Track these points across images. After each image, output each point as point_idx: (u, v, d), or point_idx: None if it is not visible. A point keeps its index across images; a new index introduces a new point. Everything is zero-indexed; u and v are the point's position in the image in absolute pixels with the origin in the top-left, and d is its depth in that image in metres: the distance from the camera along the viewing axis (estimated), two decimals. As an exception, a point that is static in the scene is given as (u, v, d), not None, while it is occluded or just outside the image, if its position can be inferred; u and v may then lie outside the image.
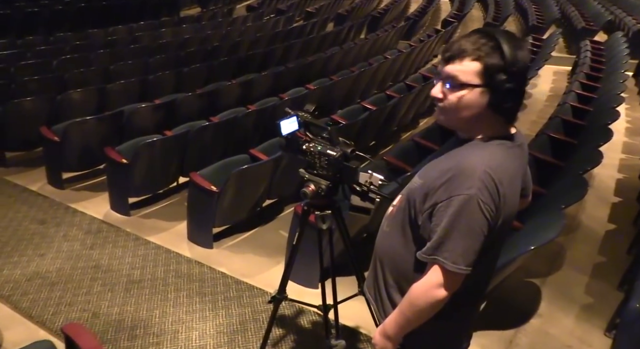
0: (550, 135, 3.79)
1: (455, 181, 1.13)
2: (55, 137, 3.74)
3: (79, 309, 2.62)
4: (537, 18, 10.41)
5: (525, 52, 1.13)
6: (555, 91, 6.99)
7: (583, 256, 3.24)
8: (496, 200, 1.13)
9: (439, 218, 1.14)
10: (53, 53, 6.27)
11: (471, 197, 1.11)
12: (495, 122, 1.19)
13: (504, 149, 1.19)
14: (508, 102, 1.14)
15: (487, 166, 1.13)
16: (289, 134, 1.60)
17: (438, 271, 1.16)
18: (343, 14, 11.15)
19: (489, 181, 1.12)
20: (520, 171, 1.26)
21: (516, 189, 1.24)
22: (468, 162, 1.15)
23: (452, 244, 1.13)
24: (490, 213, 1.13)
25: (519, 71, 1.12)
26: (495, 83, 1.12)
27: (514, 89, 1.12)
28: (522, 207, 1.49)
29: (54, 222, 3.46)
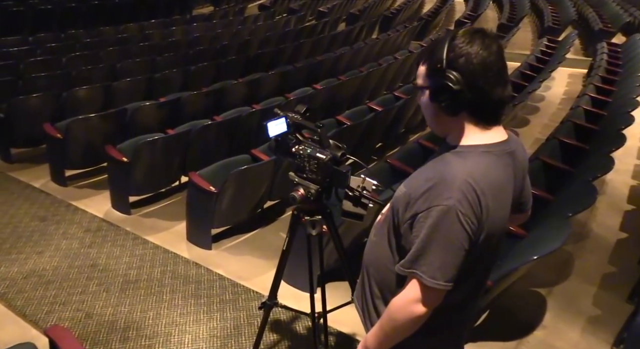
0: (561, 139, 3.67)
1: (435, 191, 1.06)
2: (58, 134, 3.74)
3: (73, 308, 2.60)
4: (553, 19, 10.20)
5: (477, 48, 1.06)
6: (570, 94, 6.83)
7: (592, 266, 3.12)
8: (477, 212, 1.06)
9: (418, 229, 1.08)
10: (63, 50, 6.31)
11: (450, 208, 1.04)
12: (470, 127, 1.12)
13: (490, 157, 1.11)
14: (442, 99, 1.08)
15: (468, 175, 1.06)
16: (278, 136, 1.54)
17: (416, 285, 1.10)
18: (355, 14, 11.06)
19: (470, 192, 1.05)
20: (509, 182, 1.16)
21: (504, 202, 1.15)
22: (449, 171, 1.08)
23: (430, 257, 1.06)
24: (470, 226, 1.05)
25: (465, 67, 1.05)
26: (431, 81, 1.09)
27: (447, 86, 1.05)
28: (521, 222, 1.41)
29: (55, 219, 3.45)
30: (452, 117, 1.11)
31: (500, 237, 1.19)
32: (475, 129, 1.12)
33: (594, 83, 5.38)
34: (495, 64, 1.07)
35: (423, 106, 1.17)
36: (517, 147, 1.20)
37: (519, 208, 1.30)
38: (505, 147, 1.15)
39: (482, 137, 1.12)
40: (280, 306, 1.93)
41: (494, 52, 1.07)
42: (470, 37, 1.08)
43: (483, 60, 1.06)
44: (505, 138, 1.16)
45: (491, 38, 1.09)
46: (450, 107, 1.09)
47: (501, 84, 1.09)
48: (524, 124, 5.65)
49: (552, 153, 3.53)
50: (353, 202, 1.59)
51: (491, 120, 1.13)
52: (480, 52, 1.06)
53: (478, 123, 1.12)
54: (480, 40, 1.07)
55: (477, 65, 1.06)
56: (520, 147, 1.23)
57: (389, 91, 5.85)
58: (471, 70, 1.06)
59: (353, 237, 2.59)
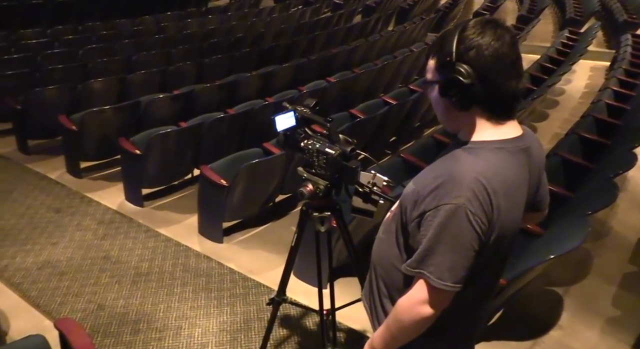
0: (581, 134, 3.57)
1: (444, 189, 1.01)
2: (73, 126, 3.76)
3: (86, 300, 2.62)
4: (576, 10, 9.93)
5: (488, 39, 1.00)
6: (591, 87, 6.64)
7: (611, 265, 3.03)
8: (488, 212, 1.01)
9: (426, 228, 1.04)
10: (80, 43, 6.35)
11: (459, 207, 0.99)
12: (482, 122, 1.07)
13: (503, 154, 1.06)
14: (452, 94, 1.03)
15: (479, 173, 1.01)
16: (286, 130, 1.51)
17: (423, 286, 1.06)
18: (371, 6, 10.92)
19: (480, 190, 1.00)
20: (524, 180, 1.11)
21: (517, 201, 1.10)
22: (459, 168, 1.03)
23: (437, 258, 1.02)
24: (480, 226, 1.01)
25: (476, 59, 1.00)
26: (441, 75, 1.05)
27: (457, 80, 1.00)
28: (537, 221, 1.36)
29: (69, 211, 3.49)
30: (463, 113, 1.06)
31: (512, 238, 1.14)
32: (488, 125, 1.07)
33: (617, 76, 5.21)
34: (508, 56, 1.02)
35: (434, 102, 1.13)
36: (533, 143, 1.14)
37: (535, 207, 1.25)
38: (519, 143, 1.09)
39: (495, 132, 1.07)
40: (289, 302, 1.90)
41: (506, 43, 1.02)
42: (482, 28, 1.02)
43: (495, 51, 1.01)
44: (520, 134, 1.11)
45: (504, 28, 1.03)
46: (461, 102, 1.04)
47: (515, 76, 1.03)
48: (543, 119, 5.51)
49: (571, 149, 3.43)
50: (363, 198, 1.56)
51: (504, 115, 1.08)
52: (492, 43, 1.01)
53: (491, 118, 1.07)
54: (492, 31, 1.02)
55: (488, 57, 1.01)
56: (536, 144, 1.18)
57: (404, 84, 5.76)
58: (482, 63, 1.01)
59: (364, 233, 2.55)
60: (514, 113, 1.09)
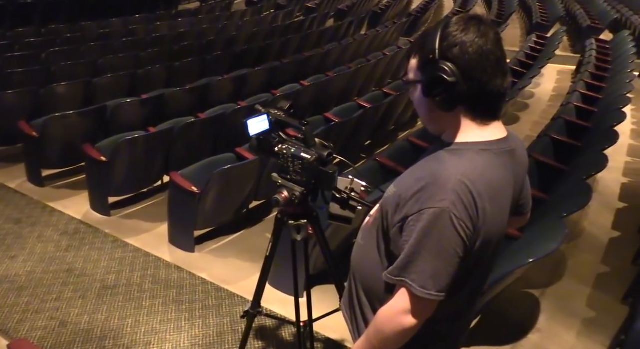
0: (553, 137, 3.61)
1: (427, 192, 0.96)
2: (33, 133, 3.58)
3: (47, 317, 2.46)
4: (542, 16, 10.19)
5: (472, 35, 0.96)
6: (559, 90, 6.80)
7: (585, 266, 3.06)
8: (473, 216, 0.96)
9: (408, 234, 0.98)
10: (43, 45, 6.11)
11: (443, 211, 0.94)
12: (467, 122, 1.02)
13: (488, 156, 1.01)
14: (436, 93, 0.98)
15: (463, 175, 0.96)
16: (259, 135, 1.43)
17: (406, 295, 1.00)
18: (344, 10, 10.95)
19: (465, 194, 0.95)
20: (509, 183, 1.06)
21: (503, 205, 1.05)
22: (443, 170, 0.98)
23: (420, 265, 0.97)
24: (465, 231, 0.96)
25: (460, 57, 0.96)
26: (424, 74, 1.00)
27: (441, 78, 0.96)
28: (519, 226, 1.32)
29: (30, 221, 3.30)
30: (447, 113, 1.01)
31: (498, 243, 1.10)
32: (473, 125, 1.03)
33: (584, 80, 5.33)
34: (493, 53, 0.97)
35: (416, 103, 1.07)
36: (517, 145, 1.10)
37: (518, 211, 1.21)
38: (504, 145, 1.05)
39: (480, 134, 1.03)
40: (264, 314, 1.82)
41: (491, 40, 0.98)
42: (465, 24, 0.98)
43: (479, 48, 0.96)
44: (505, 135, 1.06)
45: (487, 25, 0.99)
46: (445, 101, 0.99)
47: (500, 74, 0.99)
48: (514, 121, 5.60)
49: (544, 151, 3.46)
50: (341, 204, 1.49)
51: (490, 114, 1.03)
52: (475, 40, 0.96)
53: (476, 118, 1.02)
54: (475, 28, 0.97)
55: (473, 54, 0.96)
56: (521, 146, 1.14)
57: (378, 88, 5.76)
58: (467, 60, 0.96)
59: (342, 239, 2.49)
60: (499, 113, 1.05)
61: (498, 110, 1.04)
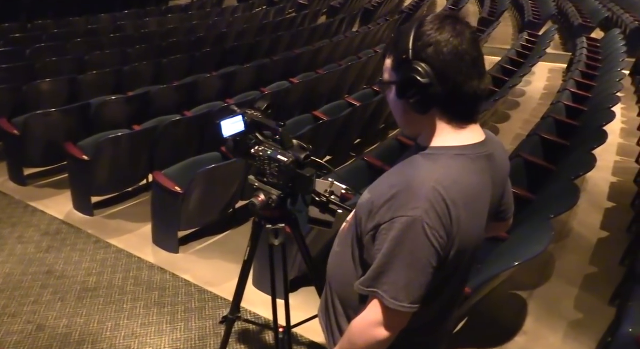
0: (542, 136, 3.59)
1: (399, 200, 0.92)
2: (15, 131, 3.50)
3: (24, 320, 2.40)
4: (534, 14, 10.19)
5: (447, 35, 0.92)
6: (550, 88, 6.79)
7: (573, 267, 3.04)
8: (447, 224, 0.92)
9: (380, 243, 0.94)
10: (29, 41, 5.99)
11: (415, 220, 0.90)
12: (443, 126, 0.98)
13: (464, 161, 0.97)
14: (410, 95, 0.94)
15: (437, 181, 0.92)
16: (234, 136, 1.38)
17: (378, 306, 0.96)
18: (336, 7, 10.88)
19: (438, 201, 0.91)
20: (486, 189, 1.02)
21: (479, 212, 1.01)
22: (416, 176, 0.94)
23: (392, 275, 0.93)
24: (438, 240, 0.92)
25: (434, 57, 0.92)
26: (397, 75, 0.96)
27: (415, 79, 0.92)
28: (500, 232, 1.29)
29: (10, 222, 3.23)
30: (422, 116, 0.97)
31: (474, 251, 1.06)
32: (448, 128, 0.98)
33: (574, 78, 5.32)
34: (468, 53, 0.93)
35: (391, 104, 1.03)
36: (496, 149, 1.06)
37: (499, 217, 1.17)
38: (481, 149, 1.01)
39: (456, 137, 0.98)
40: (244, 320, 1.77)
41: (467, 40, 0.93)
42: (440, 23, 0.93)
43: (454, 48, 0.92)
44: (483, 139, 1.02)
45: (463, 24, 0.95)
46: (419, 103, 0.95)
47: (476, 76, 0.95)
48: (504, 120, 5.58)
49: (533, 150, 3.44)
50: (320, 208, 1.45)
51: (466, 117, 0.99)
52: (451, 39, 0.92)
53: (451, 121, 0.98)
54: (451, 27, 0.93)
55: (447, 54, 0.92)
56: (500, 150, 1.10)
57: (368, 86, 5.71)
58: (441, 61, 0.92)
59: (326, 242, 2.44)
60: (476, 116, 1.01)
61: (475, 113, 1.00)
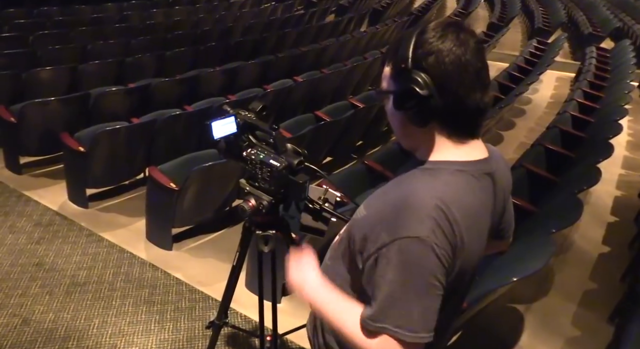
0: (547, 146, 3.52)
1: (400, 219, 0.85)
2: (11, 118, 3.45)
3: (9, 313, 2.36)
4: (544, 21, 10.10)
5: (450, 44, 0.85)
6: (557, 97, 6.71)
7: (573, 281, 2.98)
8: (453, 244, 0.86)
9: (383, 268, 0.85)
10: (32, 28, 5.95)
11: (422, 241, 0.83)
12: (442, 140, 0.92)
13: (465, 178, 0.91)
14: (408, 106, 0.88)
15: (439, 199, 0.86)
16: (224, 138, 1.33)
17: (389, 341, 0.86)
18: (345, 6, 10.80)
19: (442, 219, 0.84)
20: (487, 208, 0.96)
21: (480, 232, 0.95)
22: (415, 192, 0.87)
23: (404, 306, 0.84)
24: (447, 260, 0.85)
25: (435, 67, 0.85)
26: (396, 85, 0.90)
27: (413, 90, 0.85)
28: (499, 250, 1.23)
29: (3, 211, 3.19)
30: (420, 128, 0.91)
31: (473, 273, 1.00)
32: (448, 143, 0.92)
33: (582, 88, 5.24)
34: (472, 64, 0.87)
35: (389, 114, 0.97)
36: (499, 166, 1.00)
37: (499, 235, 1.11)
38: (484, 166, 0.94)
39: (456, 153, 0.92)
40: (230, 325, 1.72)
41: (470, 50, 0.87)
42: (443, 31, 0.87)
43: (457, 58, 0.85)
44: (485, 156, 0.96)
45: (467, 33, 0.88)
46: (417, 116, 0.88)
47: (480, 88, 0.88)
48: (509, 127, 5.51)
49: (536, 160, 3.37)
50: (313, 215, 1.39)
51: (467, 132, 0.92)
52: (453, 49, 0.85)
53: (451, 135, 0.92)
54: (454, 35, 0.86)
55: (449, 65, 0.85)
56: (503, 167, 1.04)
57: (373, 87, 5.65)
58: (442, 71, 0.85)
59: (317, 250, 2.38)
60: (478, 131, 0.94)
61: (477, 127, 0.93)
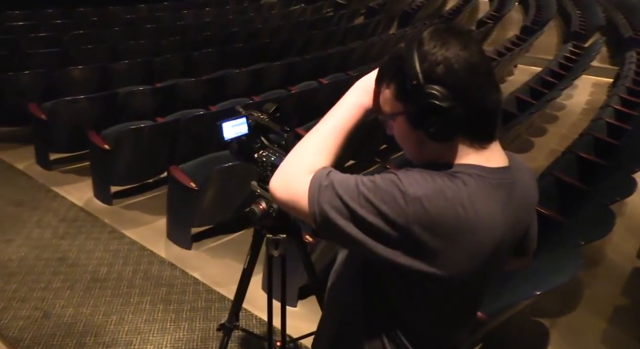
0: (579, 154, 3.38)
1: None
2: (42, 115, 3.55)
3: (32, 306, 2.41)
4: (581, 24, 9.76)
5: (454, 49, 0.81)
6: (592, 104, 6.46)
7: (603, 297, 2.84)
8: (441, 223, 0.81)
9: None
10: (67, 28, 6.14)
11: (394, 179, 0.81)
12: (464, 149, 0.86)
13: (483, 184, 0.85)
14: (430, 123, 0.81)
15: (465, 200, 0.82)
16: (235, 139, 1.31)
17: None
18: (375, 8, 10.73)
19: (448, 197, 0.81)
20: (504, 221, 0.88)
21: (491, 243, 0.88)
22: (443, 193, 0.82)
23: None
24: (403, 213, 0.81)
25: (447, 76, 0.80)
26: (408, 104, 0.84)
27: (434, 105, 0.80)
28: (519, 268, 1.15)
29: (31, 205, 3.27)
30: (443, 143, 0.85)
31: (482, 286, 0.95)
32: (469, 149, 0.87)
33: (619, 94, 5.03)
34: (481, 65, 0.82)
35: (400, 137, 0.90)
36: (523, 177, 0.94)
37: (518, 252, 1.05)
38: (504, 175, 0.88)
39: (477, 157, 0.87)
40: (241, 329, 1.70)
41: (475, 52, 0.82)
42: (441, 37, 0.82)
43: (466, 62, 0.81)
44: (506, 165, 0.90)
45: (466, 35, 0.84)
46: (441, 131, 0.82)
47: (493, 87, 0.85)
48: (540, 134, 5.33)
49: (567, 169, 3.24)
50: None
51: (488, 136, 0.87)
52: (460, 53, 0.81)
53: (473, 143, 0.86)
54: (455, 40, 0.82)
55: (460, 71, 0.80)
56: (527, 178, 0.97)
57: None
58: (456, 79, 0.80)
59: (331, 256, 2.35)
60: (495, 132, 0.89)
61: (495, 129, 0.88)
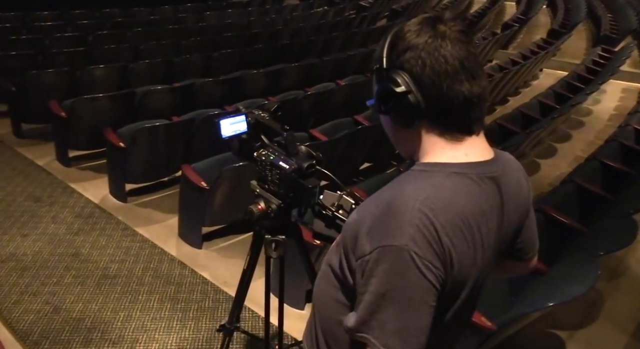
0: (603, 161, 3.25)
1: (381, 224, 0.77)
2: (62, 113, 3.62)
3: (43, 301, 2.44)
4: (612, 27, 9.46)
5: (425, 37, 0.80)
6: (621, 109, 6.24)
7: (624, 310, 2.71)
8: (440, 253, 0.76)
9: (367, 278, 0.79)
10: (93, 28, 6.27)
11: (400, 250, 0.74)
12: (434, 139, 0.83)
13: (461, 180, 0.81)
14: (388, 107, 0.81)
15: (422, 203, 0.77)
16: (233, 137, 1.28)
17: None
18: (398, 10, 10.64)
19: (426, 225, 0.75)
20: (489, 217, 0.84)
21: (481, 242, 0.83)
22: (401, 196, 0.79)
23: (382, 318, 0.78)
24: (432, 272, 0.76)
25: (412, 62, 0.80)
26: (378, 86, 0.83)
27: (389, 89, 0.80)
28: (519, 273, 1.09)
29: (49, 201, 3.33)
30: (409, 130, 0.83)
31: (473, 290, 0.89)
32: (442, 142, 0.83)
33: (649, 99, 4.84)
34: (453, 55, 0.79)
35: (382, 123, 0.90)
36: (510, 171, 0.89)
37: (515, 255, 0.99)
38: (486, 169, 0.84)
39: (452, 153, 0.83)
40: (241, 331, 1.67)
41: (452, 39, 0.80)
42: (419, 25, 0.82)
43: (435, 50, 0.79)
44: (490, 158, 0.85)
45: (447, 23, 0.82)
46: (401, 116, 0.82)
47: (467, 78, 0.80)
48: (565, 140, 5.17)
49: (590, 176, 3.11)
50: (326, 222, 1.31)
51: (461, 128, 0.83)
52: (428, 41, 0.79)
53: (443, 134, 0.83)
54: (429, 28, 0.81)
55: (426, 58, 0.79)
56: (516, 172, 0.92)
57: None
58: (420, 66, 0.79)
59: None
60: (474, 126, 0.84)
61: (472, 122, 0.83)
